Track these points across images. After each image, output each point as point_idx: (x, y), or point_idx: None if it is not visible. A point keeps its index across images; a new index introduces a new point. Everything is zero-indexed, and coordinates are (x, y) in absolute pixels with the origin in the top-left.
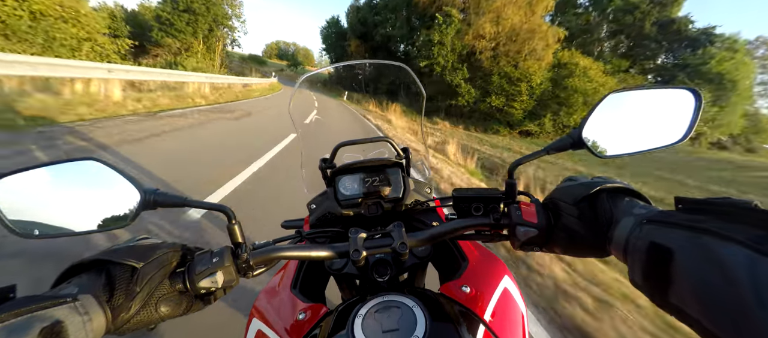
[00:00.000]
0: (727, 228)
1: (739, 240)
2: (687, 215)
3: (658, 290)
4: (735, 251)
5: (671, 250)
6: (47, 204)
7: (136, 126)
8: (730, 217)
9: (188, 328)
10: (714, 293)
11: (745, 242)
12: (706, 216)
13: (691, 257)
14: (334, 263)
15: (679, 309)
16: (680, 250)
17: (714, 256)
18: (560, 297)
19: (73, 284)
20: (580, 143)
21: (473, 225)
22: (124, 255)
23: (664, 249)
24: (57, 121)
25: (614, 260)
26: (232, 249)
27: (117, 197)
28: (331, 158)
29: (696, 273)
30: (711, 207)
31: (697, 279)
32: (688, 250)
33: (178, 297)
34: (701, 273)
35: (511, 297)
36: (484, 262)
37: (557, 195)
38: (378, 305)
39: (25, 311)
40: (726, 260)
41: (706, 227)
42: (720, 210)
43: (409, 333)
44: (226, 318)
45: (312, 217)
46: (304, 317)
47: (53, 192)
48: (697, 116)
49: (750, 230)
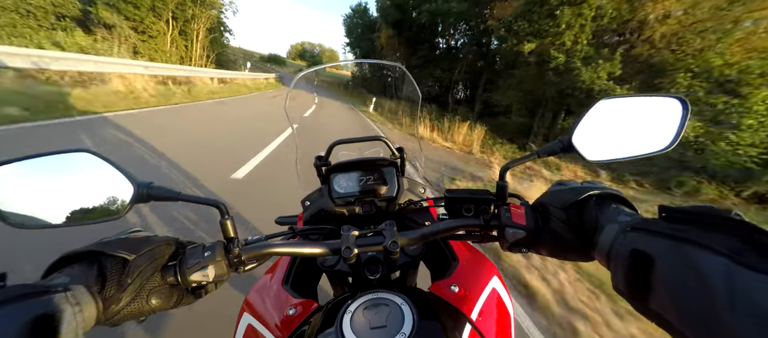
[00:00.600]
0: (707, 237)
1: (718, 250)
2: (669, 224)
3: (639, 296)
4: (713, 260)
5: (652, 258)
6: (39, 195)
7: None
8: (711, 227)
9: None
10: (691, 300)
11: (723, 252)
12: (688, 226)
13: (671, 265)
14: (327, 260)
15: (659, 316)
16: (661, 258)
17: (693, 264)
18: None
19: (65, 274)
20: (571, 147)
21: (464, 226)
22: (116, 247)
23: (646, 256)
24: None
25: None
26: (225, 244)
27: (110, 189)
28: (327, 156)
29: (675, 280)
30: (693, 216)
31: (676, 286)
32: (668, 258)
33: (169, 290)
34: (680, 280)
35: (499, 298)
36: (473, 262)
37: (547, 199)
38: (367, 302)
39: (16, 299)
40: (704, 268)
41: (687, 236)
42: (701, 220)
43: (396, 330)
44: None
45: (306, 214)
46: (294, 312)
47: (45, 184)
48: (684, 124)
49: (729, 240)
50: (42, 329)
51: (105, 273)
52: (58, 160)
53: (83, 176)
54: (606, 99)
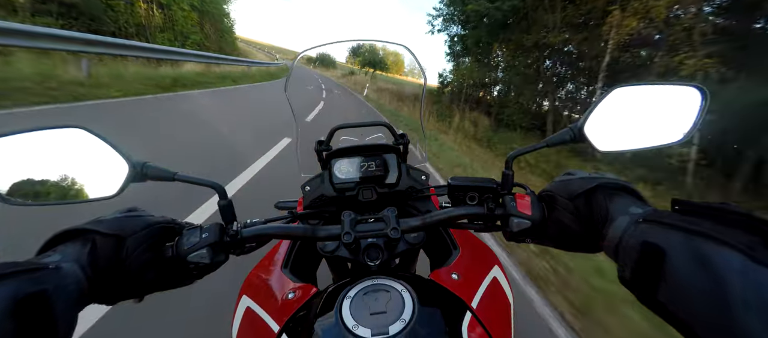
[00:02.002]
0: (723, 232)
1: (734, 246)
2: (683, 217)
3: (647, 288)
4: (729, 255)
5: (663, 250)
6: (31, 171)
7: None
8: (727, 222)
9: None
10: (703, 294)
11: (739, 247)
12: (702, 220)
13: (683, 258)
14: (327, 245)
15: (666, 308)
16: (673, 250)
17: (706, 258)
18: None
19: (59, 252)
20: (582, 137)
21: (467, 215)
22: (111, 226)
23: (657, 248)
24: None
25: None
26: (223, 226)
27: (105, 167)
28: (328, 140)
29: (687, 273)
30: (708, 211)
31: (688, 279)
32: (681, 251)
33: (166, 272)
34: (692, 273)
35: (499, 287)
36: (475, 251)
37: (554, 188)
38: (367, 288)
39: (7, 276)
40: (719, 263)
41: (702, 230)
42: (717, 215)
43: (396, 316)
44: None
45: (306, 199)
46: (293, 296)
47: (38, 160)
48: (701, 115)
49: (745, 236)
50: (34, 306)
51: (99, 253)
52: (52, 136)
53: (77, 153)
54: (621, 86)
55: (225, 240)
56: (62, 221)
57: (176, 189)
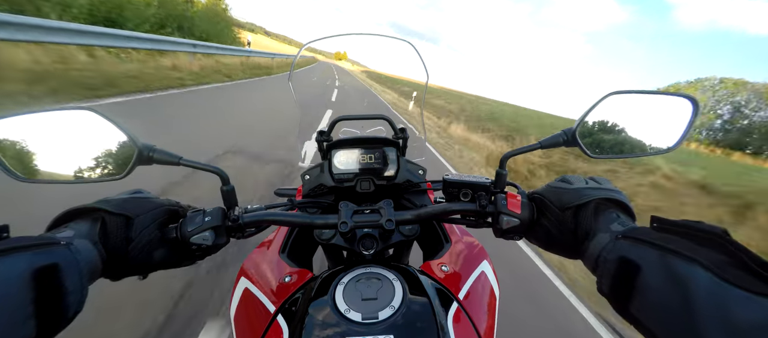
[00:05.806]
0: (694, 250)
1: (704, 264)
2: (659, 234)
3: (622, 301)
4: (698, 273)
5: (639, 266)
6: (41, 150)
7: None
8: (700, 241)
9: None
10: (672, 309)
11: (708, 266)
12: (677, 237)
13: (656, 274)
14: (323, 233)
15: (638, 320)
16: (647, 266)
17: (678, 275)
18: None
19: (70, 228)
20: (574, 141)
21: (459, 210)
22: (119, 205)
23: (633, 264)
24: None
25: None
26: (225, 211)
27: (112, 150)
28: (329, 131)
29: (658, 288)
30: (683, 229)
31: (659, 294)
32: (654, 267)
33: (170, 251)
34: (663, 289)
35: (486, 281)
36: (465, 246)
37: (547, 194)
38: (360, 275)
39: (20, 249)
40: (688, 280)
41: (675, 248)
42: (691, 233)
43: (386, 302)
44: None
45: (305, 188)
46: (290, 280)
47: (48, 140)
48: (691, 125)
49: (715, 255)
50: (46, 280)
51: (108, 230)
52: (62, 117)
53: (86, 135)
54: (615, 93)
55: (226, 224)
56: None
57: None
